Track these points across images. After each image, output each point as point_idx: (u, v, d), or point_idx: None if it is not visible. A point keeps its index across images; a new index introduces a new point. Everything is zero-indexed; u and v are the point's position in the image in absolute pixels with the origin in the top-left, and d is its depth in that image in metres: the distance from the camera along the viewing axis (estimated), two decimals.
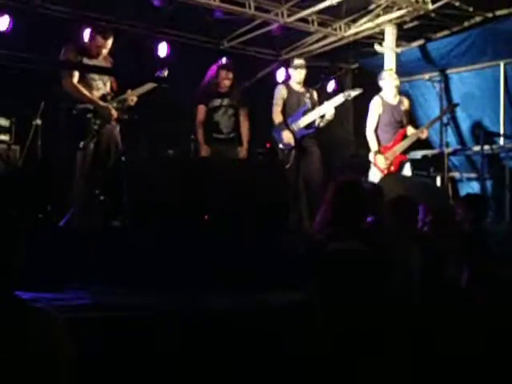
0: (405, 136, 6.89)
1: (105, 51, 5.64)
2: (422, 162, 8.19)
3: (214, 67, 6.73)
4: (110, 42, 5.64)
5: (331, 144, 7.70)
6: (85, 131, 5.35)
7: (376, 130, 6.89)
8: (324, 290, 3.07)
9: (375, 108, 6.92)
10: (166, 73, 5.83)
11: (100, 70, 5.71)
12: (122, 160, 5.65)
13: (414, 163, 7.26)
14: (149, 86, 5.74)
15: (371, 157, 6.85)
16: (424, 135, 7.00)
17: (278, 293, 3.96)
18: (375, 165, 6.81)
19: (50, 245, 4.10)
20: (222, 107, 6.65)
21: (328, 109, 6.60)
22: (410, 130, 7.00)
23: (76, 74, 5.49)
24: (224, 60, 6.85)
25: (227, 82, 6.62)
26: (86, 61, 5.60)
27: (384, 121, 6.89)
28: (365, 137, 6.97)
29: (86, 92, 5.46)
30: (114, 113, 5.58)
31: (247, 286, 4.10)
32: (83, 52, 5.60)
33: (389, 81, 6.97)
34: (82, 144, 5.31)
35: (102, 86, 5.66)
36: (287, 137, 6.53)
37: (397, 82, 7.01)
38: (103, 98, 5.61)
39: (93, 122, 5.40)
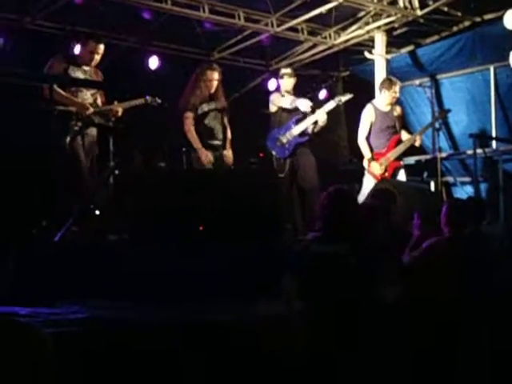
0: (399, 142, 6.90)
1: (97, 57, 5.61)
2: (416, 168, 8.21)
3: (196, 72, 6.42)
4: (101, 46, 5.62)
5: (325, 151, 7.70)
6: (65, 132, 5.29)
7: (369, 137, 6.90)
8: (303, 290, 3.08)
9: (367, 116, 6.92)
10: (158, 101, 5.79)
11: (86, 84, 5.64)
12: (116, 173, 5.63)
13: (408, 169, 7.26)
14: (135, 102, 5.69)
15: (365, 163, 6.86)
16: (417, 142, 6.99)
17: (272, 302, 3.95)
18: (369, 171, 6.82)
19: (46, 259, 4.09)
20: (211, 112, 6.32)
21: (320, 115, 6.59)
22: (404, 136, 7.00)
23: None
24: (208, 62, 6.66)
25: (214, 83, 6.30)
26: (74, 70, 5.55)
27: (377, 128, 6.89)
28: (357, 143, 6.99)
29: (62, 92, 5.35)
30: (90, 109, 5.48)
31: (243, 295, 4.09)
32: (73, 61, 5.55)
33: (388, 93, 6.93)
34: (67, 140, 5.25)
35: (90, 97, 5.61)
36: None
37: (394, 100, 6.95)
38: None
39: (73, 124, 5.35)
